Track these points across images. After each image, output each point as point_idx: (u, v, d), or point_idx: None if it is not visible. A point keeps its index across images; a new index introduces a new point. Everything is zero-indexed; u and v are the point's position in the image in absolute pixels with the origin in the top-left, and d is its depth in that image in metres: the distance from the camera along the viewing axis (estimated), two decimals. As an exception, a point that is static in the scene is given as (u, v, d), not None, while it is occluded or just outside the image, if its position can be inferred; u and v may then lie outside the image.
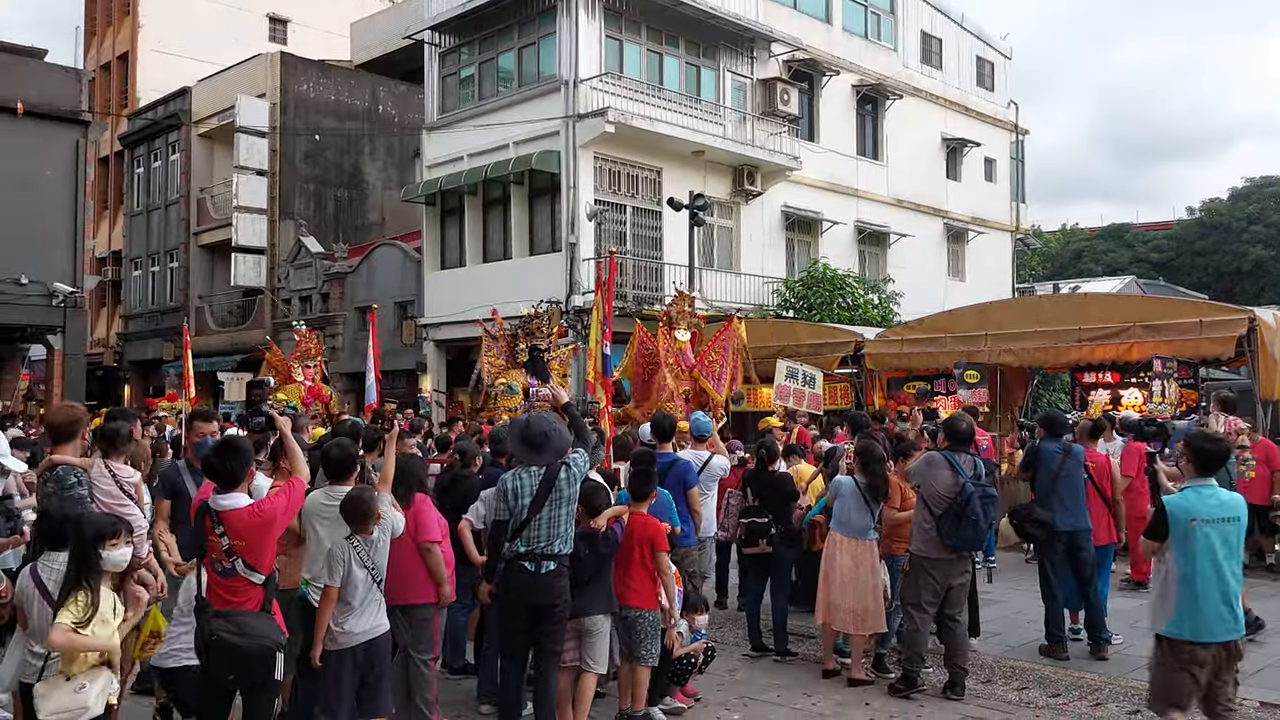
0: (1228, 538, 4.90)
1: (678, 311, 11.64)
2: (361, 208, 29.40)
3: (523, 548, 5.39)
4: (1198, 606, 4.82)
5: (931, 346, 14.20)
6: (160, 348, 30.10)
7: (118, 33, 34.31)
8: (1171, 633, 4.90)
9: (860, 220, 25.01)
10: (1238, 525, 4.95)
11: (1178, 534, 4.88)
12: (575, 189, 19.33)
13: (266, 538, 4.47)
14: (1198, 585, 4.82)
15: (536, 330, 12.79)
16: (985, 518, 6.51)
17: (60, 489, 4.89)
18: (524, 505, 5.41)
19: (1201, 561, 4.83)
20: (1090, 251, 52.36)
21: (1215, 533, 4.86)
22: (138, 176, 32.78)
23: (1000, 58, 30.42)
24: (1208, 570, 4.83)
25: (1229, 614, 4.85)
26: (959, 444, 6.83)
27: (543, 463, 5.44)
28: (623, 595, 5.91)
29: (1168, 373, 11.97)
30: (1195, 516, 4.87)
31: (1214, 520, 4.87)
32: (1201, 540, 4.83)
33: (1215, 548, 4.85)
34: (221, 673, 4.39)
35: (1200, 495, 4.94)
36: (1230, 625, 4.86)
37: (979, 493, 6.53)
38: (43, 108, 18.21)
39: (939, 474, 6.66)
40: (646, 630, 5.94)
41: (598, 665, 5.74)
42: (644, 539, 5.94)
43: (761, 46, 22.59)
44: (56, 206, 18.45)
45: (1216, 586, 4.84)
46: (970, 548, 6.75)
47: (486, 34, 21.45)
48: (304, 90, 28.09)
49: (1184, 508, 4.91)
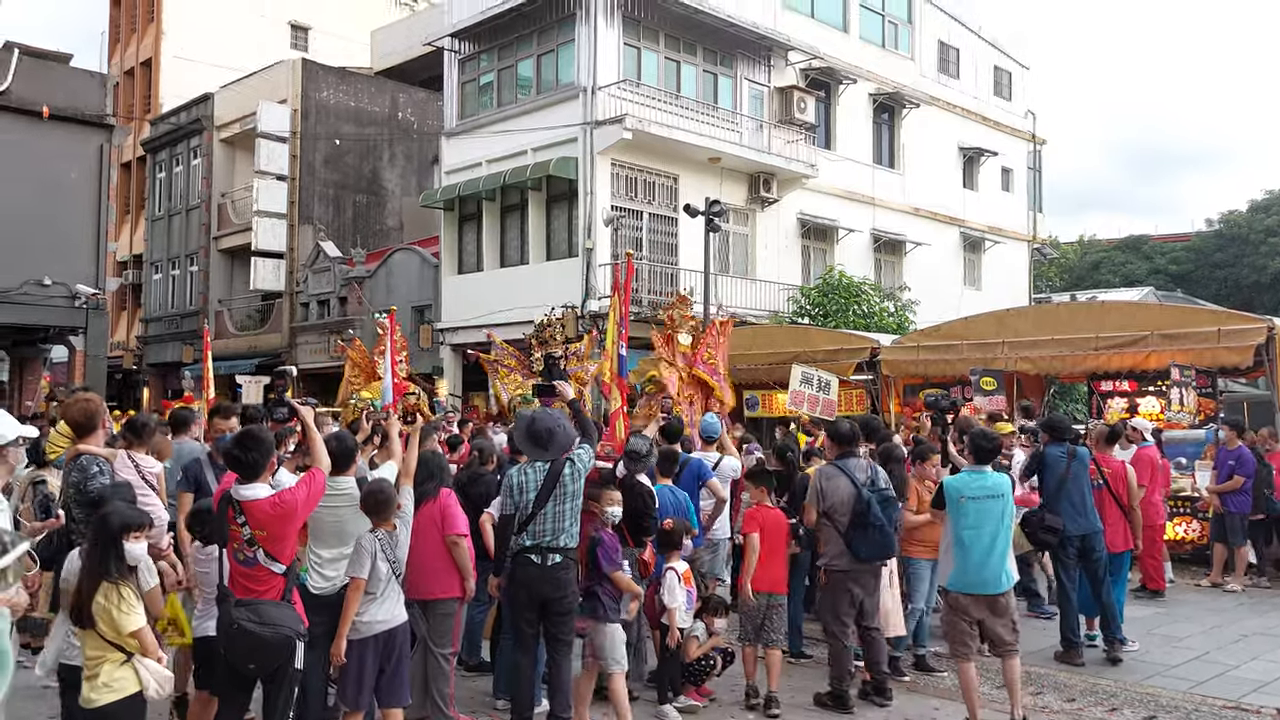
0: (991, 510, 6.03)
1: (680, 316, 11.68)
2: (380, 213, 29.59)
3: (528, 541, 5.51)
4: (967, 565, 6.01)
5: (948, 353, 14.19)
6: (180, 351, 30.34)
7: (142, 39, 34.69)
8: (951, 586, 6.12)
9: (876, 228, 25.00)
10: (1001, 501, 6.06)
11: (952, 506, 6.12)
12: (592, 195, 19.42)
13: (288, 528, 4.53)
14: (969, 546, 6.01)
15: (550, 338, 12.86)
16: (890, 522, 6.45)
17: (84, 478, 4.97)
18: (529, 500, 5.53)
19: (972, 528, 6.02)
20: (1108, 263, 52.07)
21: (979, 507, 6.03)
22: (160, 181, 33.09)
23: (1018, 67, 30.37)
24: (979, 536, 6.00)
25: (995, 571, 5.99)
26: (847, 449, 6.63)
27: (548, 458, 5.56)
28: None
29: (1186, 381, 11.92)
30: (965, 494, 6.05)
31: (980, 497, 6.02)
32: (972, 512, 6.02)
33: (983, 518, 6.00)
34: (242, 661, 4.45)
35: (972, 478, 6.13)
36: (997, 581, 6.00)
37: (877, 497, 6.38)
38: (67, 112, 18.37)
39: (836, 485, 6.47)
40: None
41: (616, 664, 5.77)
42: None
43: (779, 55, 22.65)
44: (80, 209, 18.61)
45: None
46: (881, 557, 6.55)
47: (506, 41, 21.60)
48: (324, 97, 28.33)
49: (956, 487, 6.14)
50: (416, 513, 5.43)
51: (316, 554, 5.33)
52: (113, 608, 4.04)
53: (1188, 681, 7.20)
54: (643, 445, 6.84)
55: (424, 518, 5.52)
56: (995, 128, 28.85)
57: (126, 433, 5.50)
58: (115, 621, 4.04)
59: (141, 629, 4.09)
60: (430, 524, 5.52)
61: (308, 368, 26.21)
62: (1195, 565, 11.32)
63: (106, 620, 4.05)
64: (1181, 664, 7.67)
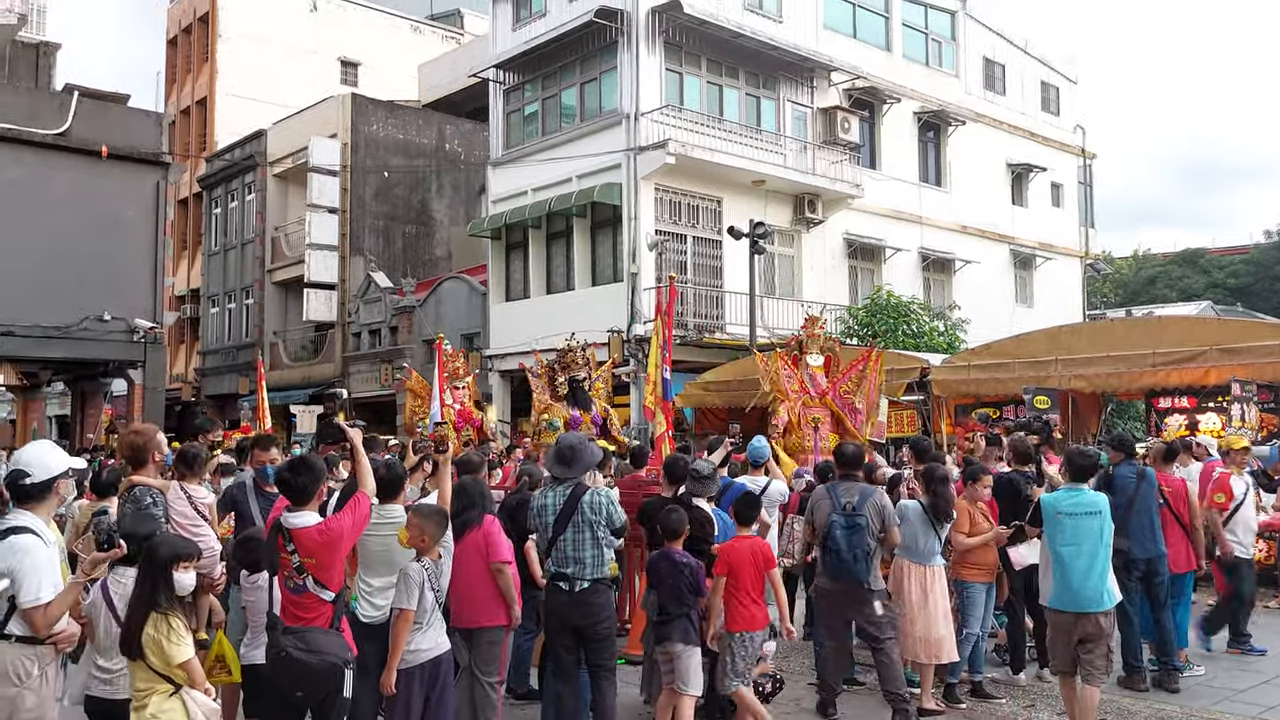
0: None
1: (808, 336, 11.61)
2: (429, 243, 29.99)
3: (554, 568, 5.69)
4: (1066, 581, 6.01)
5: (1000, 372, 13.96)
6: (236, 382, 30.90)
7: (197, 79, 35.65)
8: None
9: (924, 247, 24.77)
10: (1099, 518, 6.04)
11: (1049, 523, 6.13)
12: (636, 220, 19.50)
13: (335, 555, 4.57)
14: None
15: (572, 363, 12.99)
16: (849, 548, 6.44)
17: (137, 508, 5.07)
18: (548, 523, 5.72)
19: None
20: (1164, 277, 51.03)
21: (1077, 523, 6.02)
22: (215, 216, 33.87)
23: (1065, 82, 30.00)
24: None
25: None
26: (846, 471, 6.89)
27: (572, 475, 5.74)
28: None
29: (1247, 396, 11.60)
30: (1061, 511, 6.08)
31: (1077, 514, 6.04)
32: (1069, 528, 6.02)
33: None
34: (290, 688, 4.47)
35: (1069, 495, 6.15)
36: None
37: (842, 523, 6.50)
38: (125, 151, 18.91)
39: (820, 505, 6.77)
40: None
41: (689, 688, 5.77)
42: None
43: (821, 76, 22.62)
44: (137, 246, 19.10)
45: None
46: (837, 577, 6.57)
47: (549, 70, 21.85)
48: (374, 130, 28.84)
49: (1053, 504, 6.17)
50: (460, 540, 5.45)
51: (367, 582, 5.36)
52: (162, 638, 4.05)
53: (1256, 706, 6.96)
54: (707, 467, 6.84)
55: (468, 545, 5.53)
56: (1044, 143, 28.49)
57: (179, 464, 5.60)
58: (165, 652, 4.05)
59: (190, 660, 4.11)
60: (475, 551, 5.53)
61: (360, 396, 26.55)
62: (1264, 586, 10.95)
63: (156, 651, 4.06)
64: (1249, 688, 7.41)
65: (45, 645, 4.09)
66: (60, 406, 32.05)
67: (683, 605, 5.78)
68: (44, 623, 4.02)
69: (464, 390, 13.83)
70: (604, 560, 5.71)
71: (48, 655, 4.09)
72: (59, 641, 4.14)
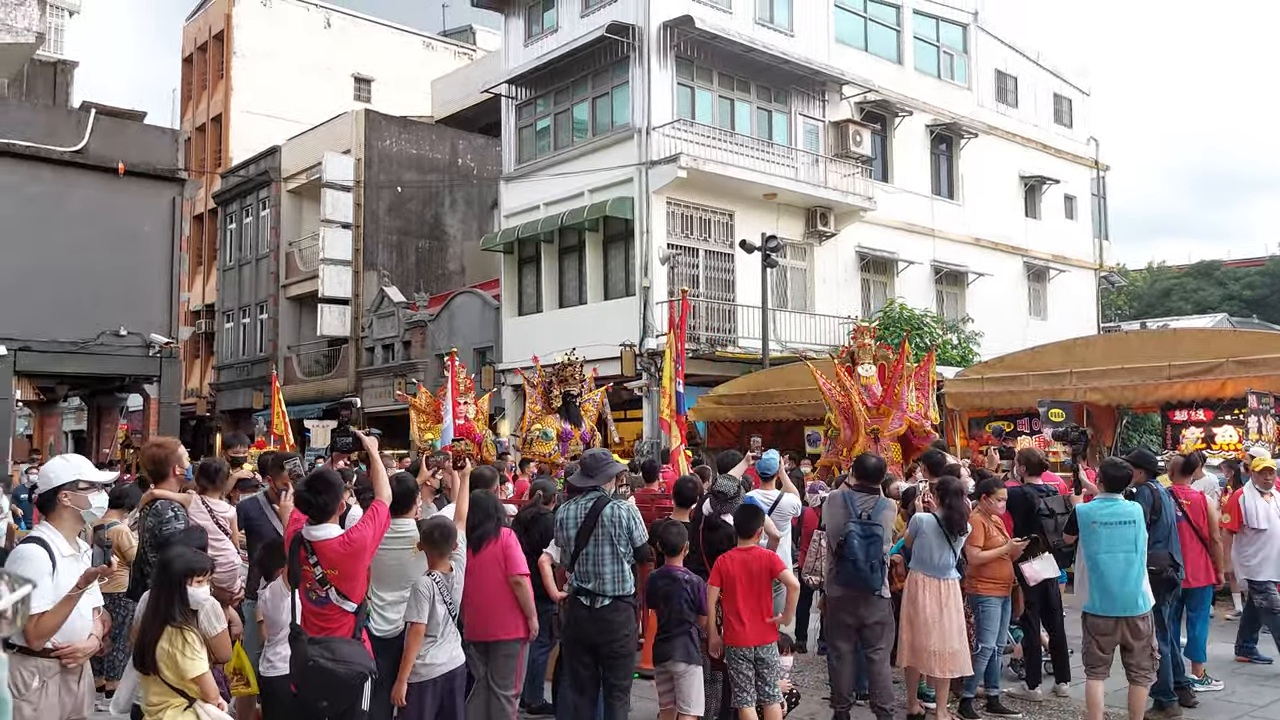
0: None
1: (859, 346, 11.59)
2: (442, 257, 30.12)
3: (576, 582, 5.70)
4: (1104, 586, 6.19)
5: (1014, 385, 13.90)
6: (251, 397, 31.03)
7: (212, 96, 35.96)
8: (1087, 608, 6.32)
9: (937, 260, 24.73)
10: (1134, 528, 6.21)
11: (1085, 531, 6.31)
12: (648, 234, 19.55)
13: (358, 566, 4.58)
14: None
15: (570, 377, 13.04)
16: (866, 558, 6.45)
17: (159, 522, 5.10)
18: (570, 536, 5.74)
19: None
20: (1180, 289, 50.85)
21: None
22: (230, 232, 34.10)
23: (1078, 94, 29.97)
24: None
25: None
26: (864, 483, 6.85)
27: (595, 483, 5.82)
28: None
29: (1264, 408, 11.51)
30: (1096, 520, 6.27)
31: (1111, 523, 6.22)
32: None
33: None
34: (315, 698, 4.46)
35: (1103, 505, 6.34)
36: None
37: (859, 532, 6.50)
38: (141, 167, 19.06)
39: (835, 513, 6.80)
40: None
41: (691, 708, 5.73)
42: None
43: (833, 89, 22.67)
44: (153, 261, 19.24)
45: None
46: (851, 585, 6.58)
47: (561, 85, 21.96)
48: (387, 145, 29.03)
49: (1088, 513, 6.37)
50: (478, 553, 5.46)
51: (379, 596, 5.37)
52: (176, 652, 4.06)
53: (1278, 722, 6.90)
54: (731, 487, 6.84)
55: (486, 558, 5.54)
56: (1057, 155, 28.46)
57: (199, 477, 5.64)
58: (179, 666, 4.06)
59: (204, 674, 4.12)
60: (492, 564, 5.55)
61: (373, 411, 26.63)
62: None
63: (170, 665, 4.07)
64: (1271, 703, 7.35)
65: (49, 659, 4.06)
66: (76, 422, 32.21)
67: (684, 623, 5.75)
68: (35, 634, 3.96)
69: (468, 405, 13.85)
70: (625, 576, 5.68)
71: (50, 668, 4.06)
72: (64, 656, 4.09)
